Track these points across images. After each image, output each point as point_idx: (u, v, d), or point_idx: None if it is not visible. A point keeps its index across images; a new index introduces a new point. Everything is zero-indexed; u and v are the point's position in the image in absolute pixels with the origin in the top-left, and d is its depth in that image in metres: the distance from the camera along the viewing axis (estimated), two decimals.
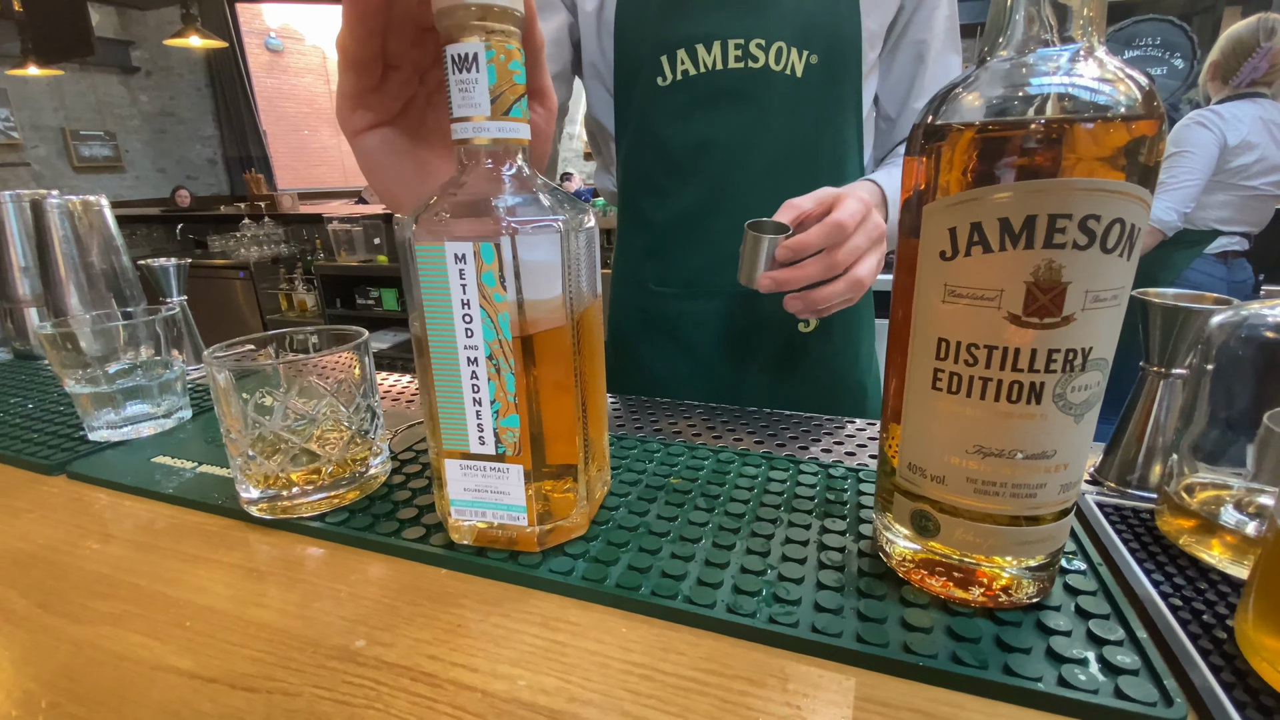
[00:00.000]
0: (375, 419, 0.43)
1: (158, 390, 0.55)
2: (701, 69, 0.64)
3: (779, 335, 0.72)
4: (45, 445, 0.53)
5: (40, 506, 0.46)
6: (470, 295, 0.31)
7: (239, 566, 0.38)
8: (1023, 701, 0.26)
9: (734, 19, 0.62)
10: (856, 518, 0.39)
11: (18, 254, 0.83)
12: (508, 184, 0.32)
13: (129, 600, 0.35)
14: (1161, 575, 0.34)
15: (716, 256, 0.69)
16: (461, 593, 0.34)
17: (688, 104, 0.65)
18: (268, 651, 0.31)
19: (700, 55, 0.64)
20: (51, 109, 4.34)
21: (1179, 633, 0.29)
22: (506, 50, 0.31)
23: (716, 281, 0.70)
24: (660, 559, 0.35)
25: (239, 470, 0.41)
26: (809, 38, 0.63)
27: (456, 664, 0.29)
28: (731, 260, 0.53)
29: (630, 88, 0.69)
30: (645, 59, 0.66)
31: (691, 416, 0.59)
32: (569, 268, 0.33)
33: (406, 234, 0.31)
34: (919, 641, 0.29)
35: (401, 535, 0.38)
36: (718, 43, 0.63)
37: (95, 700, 0.28)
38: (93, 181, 4.54)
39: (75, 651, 0.31)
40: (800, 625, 0.30)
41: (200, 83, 4.93)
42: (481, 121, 0.31)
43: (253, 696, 0.28)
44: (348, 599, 0.34)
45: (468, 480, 0.35)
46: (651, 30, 0.65)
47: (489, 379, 0.32)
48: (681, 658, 0.29)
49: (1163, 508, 0.38)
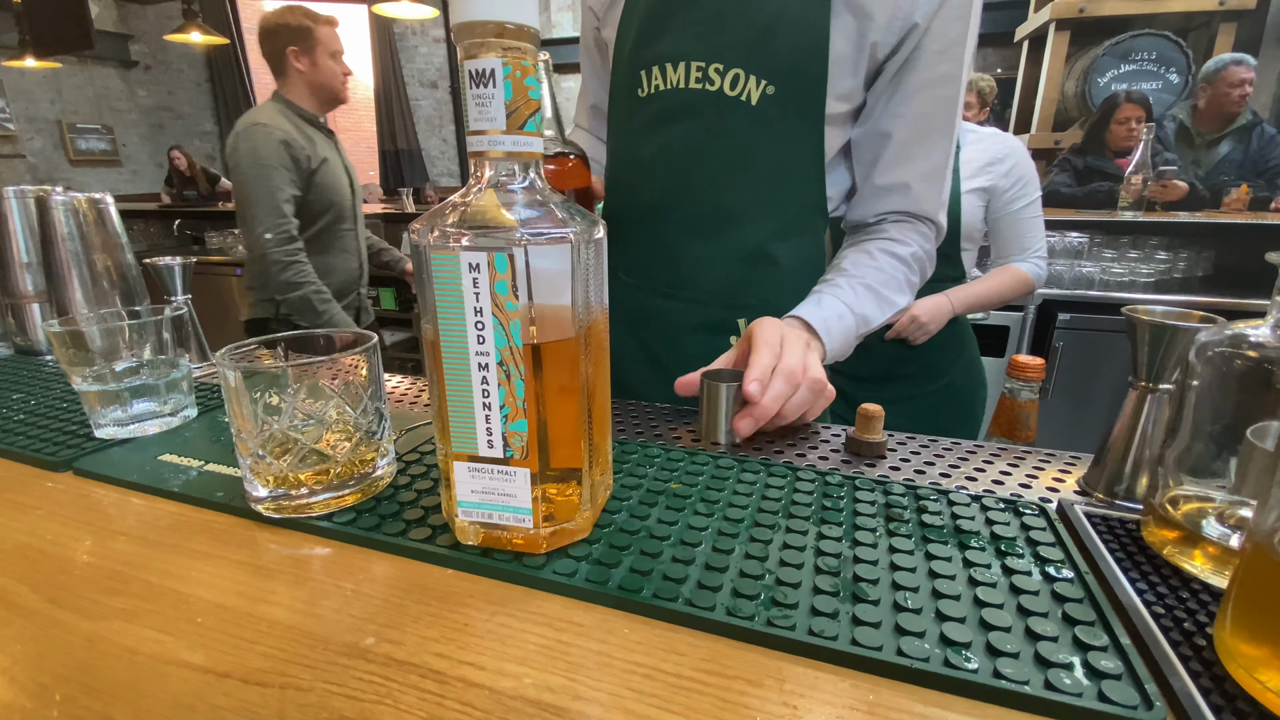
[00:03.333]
0: (383, 421, 0.44)
1: (165, 389, 0.55)
2: (668, 85, 0.71)
3: (711, 346, 0.73)
4: (51, 442, 0.54)
5: (47, 503, 0.46)
6: (483, 303, 0.32)
7: (247, 564, 0.38)
8: (1010, 704, 0.28)
9: (698, 44, 0.68)
10: (853, 524, 0.40)
11: (21, 250, 0.83)
12: (521, 196, 0.33)
13: (140, 596, 0.36)
14: (1145, 584, 0.35)
15: (666, 255, 0.76)
16: (468, 593, 0.35)
17: (655, 114, 0.73)
18: (279, 648, 0.31)
19: (669, 73, 0.70)
20: (48, 101, 4.32)
21: (1160, 639, 0.31)
22: (523, 67, 0.32)
23: (667, 276, 0.77)
24: (661, 562, 0.36)
25: (248, 469, 0.41)
26: (769, 70, 0.66)
27: (464, 662, 0.30)
28: (675, 261, 0.56)
29: (618, 97, 0.79)
30: (629, 74, 0.75)
31: (692, 423, 0.60)
32: (579, 278, 0.34)
33: (422, 242, 0.32)
34: (912, 645, 0.30)
35: (408, 535, 0.39)
36: (683, 63, 0.69)
37: (109, 694, 0.29)
38: (89, 175, 4.51)
39: (88, 645, 0.32)
40: (797, 628, 0.31)
41: (199, 78, 4.91)
42: (497, 135, 0.32)
43: (266, 691, 0.29)
44: (356, 597, 0.35)
45: (475, 482, 0.36)
46: (635, 50, 0.74)
47: (499, 384, 0.33)
48: (682, 658, 0.30)
49: (1148, 519, 0.39)
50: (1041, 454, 0.53)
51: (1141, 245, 2.24)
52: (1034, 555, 0.37)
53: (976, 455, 0.52)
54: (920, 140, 0.69)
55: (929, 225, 0.73)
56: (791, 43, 0.65)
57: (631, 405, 0.65)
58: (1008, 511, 0.42)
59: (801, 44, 0.65)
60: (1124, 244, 2.25)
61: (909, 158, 0.70)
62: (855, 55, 0.66)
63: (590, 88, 0.92)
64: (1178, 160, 2.51)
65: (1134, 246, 2.23)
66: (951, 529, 0.40)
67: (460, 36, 0.31)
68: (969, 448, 0.54)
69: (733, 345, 0.70)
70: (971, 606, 0.33)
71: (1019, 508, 0.42)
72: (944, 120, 0.68)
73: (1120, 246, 2.23)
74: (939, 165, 0.70)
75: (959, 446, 0.54)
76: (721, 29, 0.67)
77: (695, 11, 0.68)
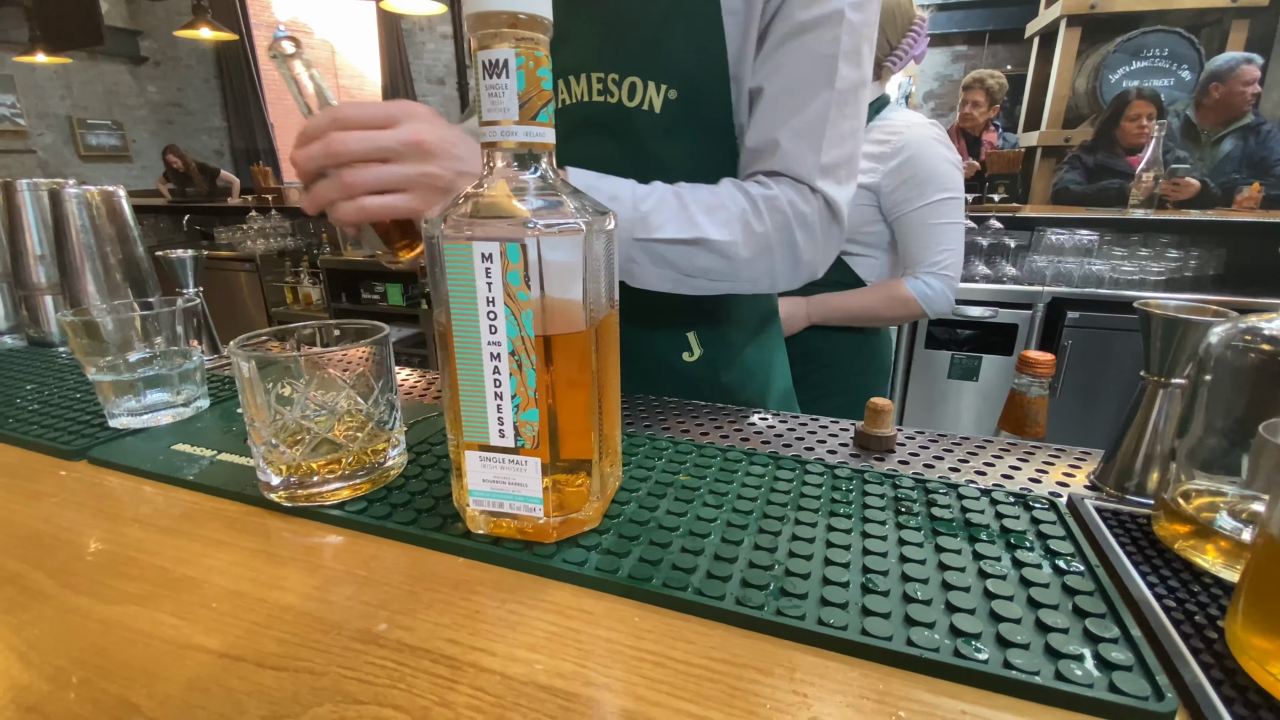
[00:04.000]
0: (394, 412, 0.44)
1: (178, 379, 0.56)
2: (574, 99, 0.65)
3: (663, 361, 0.71)
4: (65, 431, 0.54)
5: (62, 490, 0.47)
6: (495, 293, 0.32)
7: (260, 551, 0.39)
8: (1021, 694, 0.28)
9: (594, 54, 0.63)
10: (862, 517, 0.40)
11: (34, 242, 0.84)
12: (533, 186, 0.34)
13: (154, 581, 0.36)
14: (1156, 578, 0.35)
15: None
16: (478, 580, 0.36)
17: (568, 130, 0.64)
18: (292, 633, 0.32)
19: (572, 86, 0.65)
20: (58, 97, 4.35)
21: (1171, 632, 0.30)
22: (536, 57, 0.32)
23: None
24: (670, 552, 0.36)
25: (261, 458, 0.42)
26: (666, 73, 0.60)
27: (475, 648, 0.30)
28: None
29: None
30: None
31: (699, 416, 0.60)
32: (590, 269, 0.34)
33: (435, 232, 0.32)
34: (922, 636, 0.30)
35: (419, 524, 0.39)
36: (584, 75, 0.64)
37: (125, 677, 0.29)
38: (99, 170, 4.55)
39: (103, 630, 0.32)
40: (807, 618, 0.31)
41: (208, 74, 4.94)
42: (510, 125, 0.32)
43: (280, 675, 0.29)
44: (368, 584, 0.35)
45: (486, 471, 0.36)
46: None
47: (511, 374, 0.33)
48: (692, 646, 0.31)
49: (1159, 513, 0.39)
50: (1051, 449, 0.53)
51: (1152, 243, 2.22)
52: (1044, 549, 0.37)
53: (986, 450, 0.52)
54: (791, 94, 0.59)
55: (809, 190, 0.60)
56: (685, 42, 0.59)
57: (639, 398, 0.65)
58: (1017, 505, 0.41)
59: (696, 41, 0.59)
60: (1134, 242, 2.23)
61: (777, 113, 0.60)
62: (749, 43, 0.59)
63: None
64: (1188, 157, 2.50)
65: (1145, 244, 2.22)
66: (961, 522, 0.40)
67: (474, 27, 0.31)
68: (978, 442, 0.54)
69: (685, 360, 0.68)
70: (981, 598, 0.33)
71: (1029, 502, 0.42)
72: (820, 77, 0.58)
73: (1131, 244, 2.22)
74: (813, 122, 0.58)
75: (968, 441, 0.54)
76: (613, 36, 0.62)
77: (588, 20, 0.62)
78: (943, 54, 4.10)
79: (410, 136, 0.47)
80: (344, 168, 0.47)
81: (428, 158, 0.47)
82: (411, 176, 0.47)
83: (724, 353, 0.74)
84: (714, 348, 0.73)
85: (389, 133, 0.47)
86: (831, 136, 0.59)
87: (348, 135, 0.46)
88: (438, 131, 0.48)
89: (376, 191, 0.47)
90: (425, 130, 0.47)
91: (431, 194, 0.48)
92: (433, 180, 0.48)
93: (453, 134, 0.49)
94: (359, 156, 0.46)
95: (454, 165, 0.48)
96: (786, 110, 0.59)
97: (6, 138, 4.12)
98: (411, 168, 0.47)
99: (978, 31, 3.94)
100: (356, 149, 0.46)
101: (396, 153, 0.47)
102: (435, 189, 0.48)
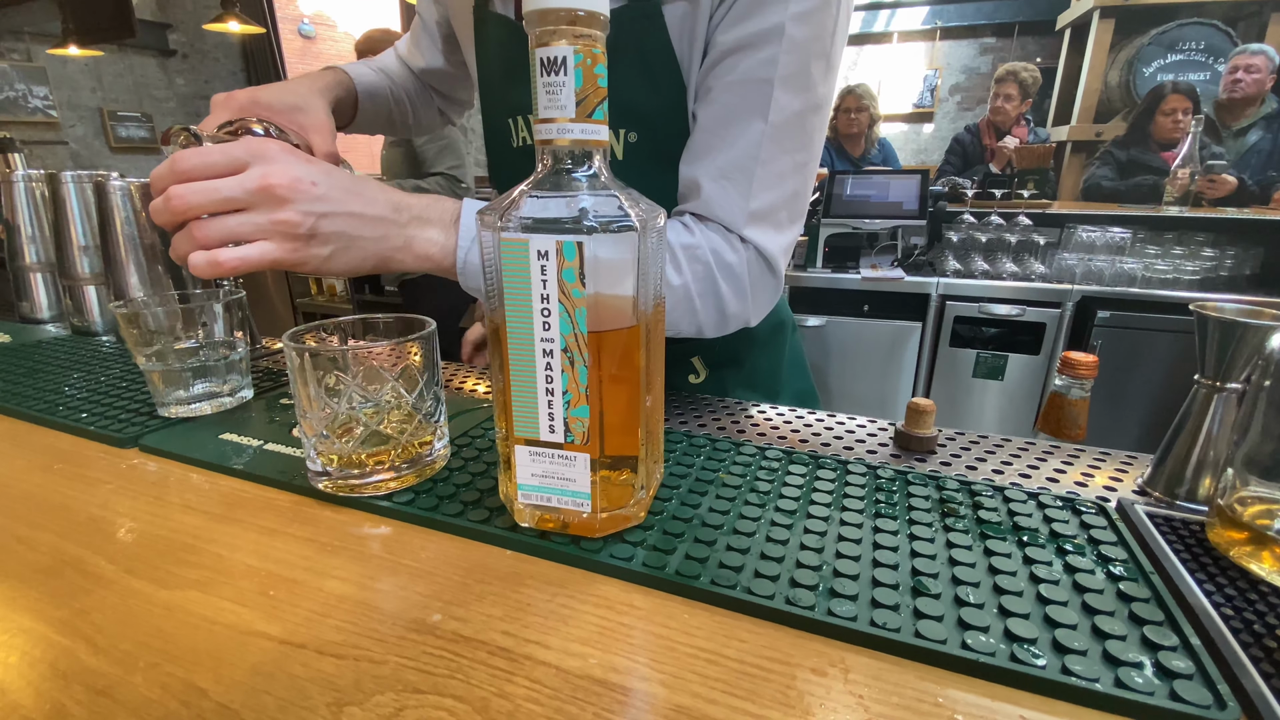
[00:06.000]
0: (439, 405, 0.45)
1: (224, 369, 0.57)
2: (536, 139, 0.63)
3: (669, 385, 0.68)
4: (116, 419, 0.56)
5: (117, 478, 0.48)
6: (550, 290, 0.32)
7: (312, 540, 0.39)
8: (1080, 701, 0.27)
9: None
10: (908, 519, 0.40)
11: (79, 233, 0.86)
12: (587, 183, 0.34)
13: (213, 568, 0.37)
14: (1213, 585, 0.34)
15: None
16: (527, 573, 0.36)
17: (527, 167, 0.63)
18: (350, 622, 0.32)
19: (533, 125, 0.63)
20: (89, 89, 4.43)
21: (1231, 640, 0.30)
22: (593, 55, 0.32)
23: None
24: (717, 550, 0.36)
25: (312, 448, 0.42)
26: (625, 119, 0.57)
27: (530, 640, 0.31)
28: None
29: (494, 141, 0.68)
30: (499, 119, 0.66)
31: (734, 413, 0.60)
32: (642, 266, 0.34)
33: (492, 228, 0.33)
34: (976, 640, 0.30)
35: (466, 516, 0.40)
36: None
37: (191, 661, 0.30)
38: (129, 162, 4.62)
39: (167, 614, 0.33)
40: (859, 619, 0.31)
41: (235, 67, 5.00)
42: (566, 123, 0.32)
43: (341, 663, 0.30)
44: (419, 575, 0.36)
45: (535, 466, 0.36)
46: (501, 93, 0.64)
47: (563, 370, 0.34)
48: (744, 645, 0.31)
49: (1214, 520, 0.38)
50: (1095, 453, 0.52)
51: (1187, 241, 2.17)
52: (1096, 554, 0.37)
53: (1029, 452, 0.52)
54: (717, 128, 0.53)
55: (739, 240, 0.54)
56: (641, 84, 0.55)
57: (672, 395, 0.65)
58: (1066, 510, 0.41)
59: (651, 83, 0.55)
60: (1168, 240, 2.18)
61: (702, 149, 0.54)
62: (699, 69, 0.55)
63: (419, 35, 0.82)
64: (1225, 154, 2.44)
65: (1179, 243, 2.17)
66: (1009, 526, 0.39)
67: (532, 24, 0.31)
68: (1020, 444, 0.53)
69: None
70: (1035, 603, 0.32)
71: (1077, 506, 0.41)
72: (749, 108, 0.51)
73: (1165, 243, 2.17)
74: (740, 162, 0.52)
75: (1010, 443, 0.53)
76: None
77: None
78: (970, 46, 4.03)
79: (256, 183, 0.43)
80: (194, 220, 0.44)
81: (279, 204, 0.43)
82: (263, 226, 0.43)
83: (731, 370, 0.73)
84: (720, 368, 0.73)
85: (233, 180, 0.43)
86: (764, 177, 0.52)
87: (186, 189, 0.43)
88: (290, 173, 0.44)
89: (233, 242, 0.44)
90: (274, 173, 0.43)
91: (291, 242, 0.44)
92: (289, 228, 0.44)
93: (311, 172, 0.45)
94: (201, 210, 0.43)
95: (312, 208, 0.44)
96: (711, 147, 0.53)
97: (39, 129, 4.21)
98: (262, 216, 0.43)
99: (1007, 23, 3.86)
100: (194, 203, 0.43)
101: (244, 201, 0.43)
102: (294, 237, 0.44)
